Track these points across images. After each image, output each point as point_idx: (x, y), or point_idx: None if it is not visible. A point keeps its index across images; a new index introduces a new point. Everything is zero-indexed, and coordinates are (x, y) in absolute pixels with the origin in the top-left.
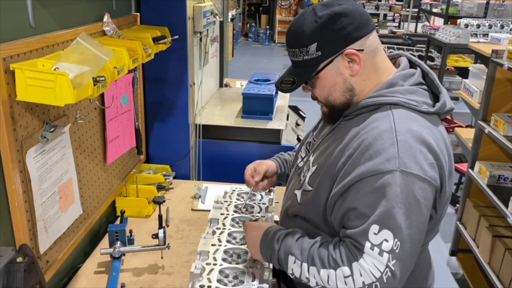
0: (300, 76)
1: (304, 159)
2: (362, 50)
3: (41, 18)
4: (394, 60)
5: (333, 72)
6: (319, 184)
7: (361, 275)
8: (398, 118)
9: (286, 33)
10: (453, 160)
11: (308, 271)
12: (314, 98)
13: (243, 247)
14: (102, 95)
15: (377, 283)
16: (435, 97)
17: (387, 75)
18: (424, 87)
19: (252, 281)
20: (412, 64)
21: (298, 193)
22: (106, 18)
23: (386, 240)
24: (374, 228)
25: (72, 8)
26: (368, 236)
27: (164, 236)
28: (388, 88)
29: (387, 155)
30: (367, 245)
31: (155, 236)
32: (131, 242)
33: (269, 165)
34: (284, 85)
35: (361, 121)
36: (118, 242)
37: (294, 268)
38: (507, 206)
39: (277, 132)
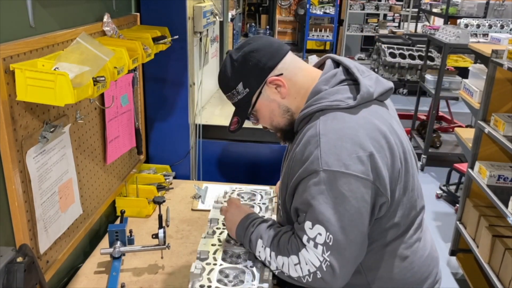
0: (241, 114)
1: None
2: (282, 74)
3: (41, 18)
4: (323, 65)
5: (266, 101)
6: (281, 194)
7: (306, 264)
8: (323, 122)
9: (218, 83)
10: (402, 137)
11: (270, 256)
12: (265, 128)
13: (243, 248)
14: (102, 95)
15: (318, 272)
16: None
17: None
18: (349, 82)
19: (252, 281)
20: (336, 63)
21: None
22: (106, 18)
23: (320, 234)
24: (308, 224)
25: (72, 8)
26: (305, 230)
27: (164, 236)
28: (314, 96)
29: (313, 158)
30: (305, 238)
31: (155, 236)
32: (131, 242)
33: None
34: (233, 126)
35: (302, 132)
36: (118, 242)
37: (261, 251)
38: (507, 206)
39: None
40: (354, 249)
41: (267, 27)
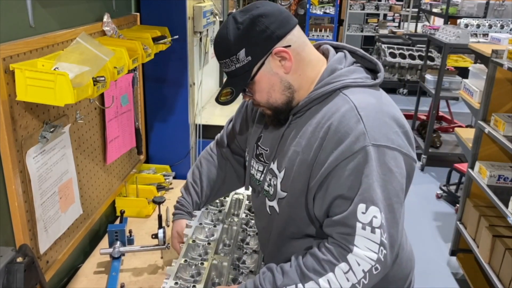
0: (236, 85)
1: (263, 171)
2: (290, 46)
3: (41, 18)
4: (318, 50)
5: (268, 74)
6: (293, 185)
7: (359, 265)
8: (353, 97)
9: (213, 46)
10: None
11: None
12: (256, 104)
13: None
14: (102, 95)
15: (376, 265)
16: (370, 70)
17: (321, 65)
18: (358, 64)
19: None
20: (337, 49)
21: (274, 204)
22: (106, 18)
23: (375, 217)
24: (361, 207)
25: (72, 8)
26: (357, 217)
27: (164, 236)
28: (330, 75)
29: (356, 133)
30: (358, 225)
31: (155, 236)
32: (130, 242)
33: (180, 227)
34: (224, 97)
35: (316, 112)
36: (118, 242)
37: None
38: (507, 206)
39: None
40: (398, 229)
41: None
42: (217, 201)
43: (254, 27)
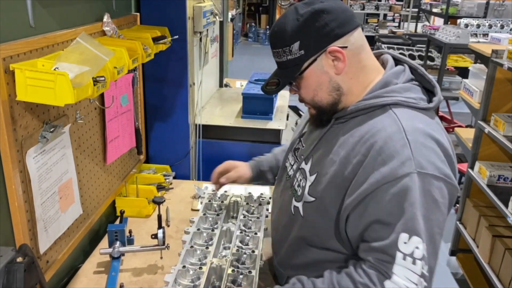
0: (284, 77)
1: (294, 167)
2: (346, 47)
3: (41, 18)
4: (377, 58)
5: (318, 71)
6: (324, 193)
7: None
8: (402, 117)
9: (269, 33)
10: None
11: None
12: (301, 100)
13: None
14: (102, 95)
15: None
16: (426, 91)
17: (376, 74)
18: (416, 82)
19: None
20: (397, 61)
21: (299, 205)
22: (106, 18)
23: (417, 248)
24: (404, 237)
25: (72, 8)
26: (398, 247)
27: (164, 237)
28: (383, 88)
29: (402, 158)
30: (399, 255)
31: (155, 236)
32: (130, 242)
33: (242, 174)
34: (270, 87)
35: (360, 124)
36: (118, 242)
37: None
38: (507, 206)
39: (277, 132)
40: (437, 260)
41: (267, 27)
42: (215, 204)
43: (314, 22)
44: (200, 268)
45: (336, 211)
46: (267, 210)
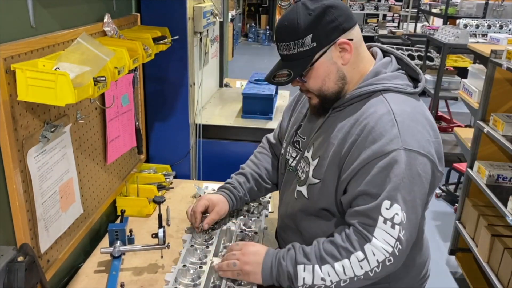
0: (295, 68)
1: (297, 158)
2: (352, 39)
3: (42, 18)
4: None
5: (327, 62)
6: (326, 174)
7: (374, 255)
8: (392, 101)
9: (277, 28)
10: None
11: (321, 271)
12: (305, 90)
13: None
14: (102, 95)
15: (390, 257)
16: (412, 78)
17: (370, 64)
18: (403, 71)
19: None
20: (384, 53)
21: (303, 189)
22: (106, 18)
23: (397, 214)
24: (386, 203)
25: (73, 8)
26: (381, 211)
27: (164, 236)
28: (374, 76)
29: (390, 136)
30: (380, 219)
31: (155, 235)
32: (131, 241)
33: (222, 213)
34: (279, 78)
35: (356, 110)
36: (118, 242)
37: (306, 276)
38: (506, 206)
39: None
40: (416, 229)
41: (267, 27)
42: None
43: (325, 16)
44: (201, 267)
45: (334, 188)
46: (267, 209)
